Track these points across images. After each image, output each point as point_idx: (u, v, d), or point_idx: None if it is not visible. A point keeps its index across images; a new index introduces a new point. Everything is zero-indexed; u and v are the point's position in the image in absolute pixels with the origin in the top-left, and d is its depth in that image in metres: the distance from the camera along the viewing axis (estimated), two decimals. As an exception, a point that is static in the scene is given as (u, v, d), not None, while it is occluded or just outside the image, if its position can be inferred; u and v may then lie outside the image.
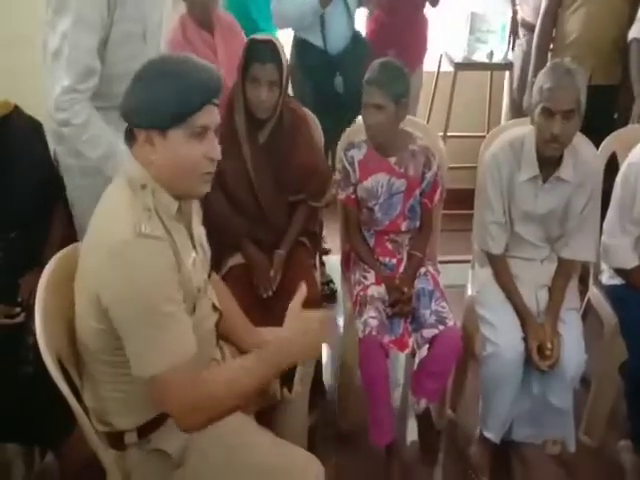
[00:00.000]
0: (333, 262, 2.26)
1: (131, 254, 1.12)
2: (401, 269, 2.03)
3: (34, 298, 1.69)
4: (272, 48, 1.81)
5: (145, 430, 1.30)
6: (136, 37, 1.74)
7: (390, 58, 1.92)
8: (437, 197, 2.04)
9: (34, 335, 1.66)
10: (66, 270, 1.32)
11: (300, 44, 2.48)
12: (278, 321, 1.69)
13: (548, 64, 1.82)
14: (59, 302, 1.31)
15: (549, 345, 1.79)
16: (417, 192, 2.01)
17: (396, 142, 1.97)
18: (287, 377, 1.49)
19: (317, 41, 2.42)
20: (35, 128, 1.86)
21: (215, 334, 1.42)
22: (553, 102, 1.73)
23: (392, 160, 1.98)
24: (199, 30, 2.22)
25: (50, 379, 1.24)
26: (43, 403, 1.69)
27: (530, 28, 2.65)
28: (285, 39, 2.42)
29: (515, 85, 2.79)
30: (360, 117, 1.97)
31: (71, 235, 1.98)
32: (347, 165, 2.00)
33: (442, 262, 2.23)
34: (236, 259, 1.96)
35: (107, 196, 1.25)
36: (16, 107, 1.83)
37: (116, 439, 1.30)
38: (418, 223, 2.07)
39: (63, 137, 1.76)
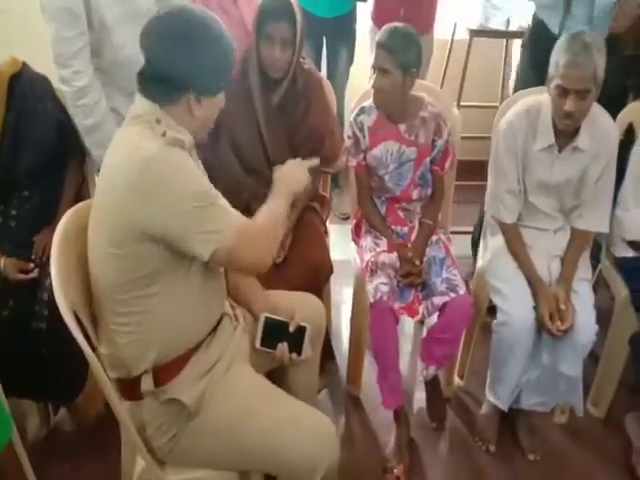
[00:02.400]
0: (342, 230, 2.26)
1: (162, 164, 1.18)
2: (413, 237, 2.02)
3: (48, 255, 1.73)
4: (287, 6, 1.78)
5: (162, 377, 1.31)
6: None
7: (404, 24, 1.88)
8: (447, 164, 2.02)
9: (47, 291, 1.71)
10: (80, 224, 1.35)
11: None
12: (289, 285, 1.71)
13: (566, 35, 1.75)
14: (73, 255, 1.33)
15: (562, 307, 1.78)
16: (427, 160, 1.99)
17: (406, 109, 1.94)
18: (296, 342, 1.51)
19: None
20: (45, 85, 1.85)
21: (224, 284, 1.44)
22: (567, 80, 1.69)
23: (402, 127, 1.95)
24: None
25: (63, 335, 1.26)
26: (55, 359, 1.72)
27: None
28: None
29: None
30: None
31: (84, 192, 1.99)
32: (357, 131, 1.98)
33: (453, 233, 2.21)
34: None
35: (120, 134, 1.29)
36: (24, 64, 1.82)
37: (131, 387, 1.32)
38: (430, 190, 2.05)
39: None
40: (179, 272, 1.27)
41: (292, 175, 1.46)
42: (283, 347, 1.51)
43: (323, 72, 2.77)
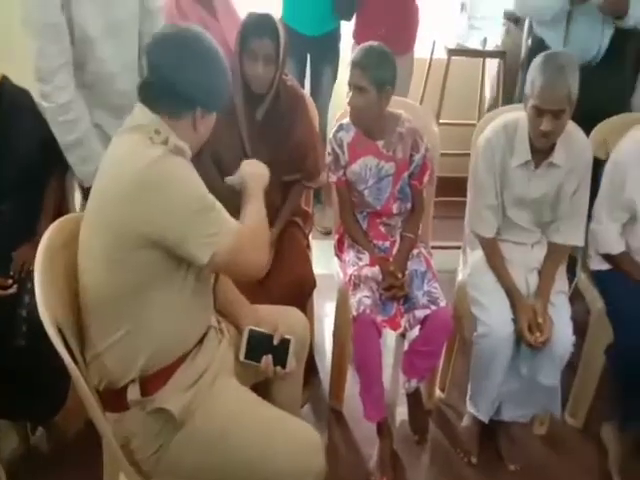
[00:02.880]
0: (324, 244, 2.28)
1: (165, 168, 1.21)
2: (394, 251, 2.05)
3: (27, 270, 1.71)
4: (270, 23, 1.81)
5: (148, 387, 1.31)
6: None
7: (379, 43, 1.92)
8: (426, 178, 2.06)
9: (27, 308, 1.68)
10: (66, 236, 1.35)
11: None
12: (272, 299, 1.72)
13: (541, 56, 1.80)
14: (58, 268, 1.33)
15: (540, 320, 1.82)
16: (405, 175, 2.02)
17: (383, 125, 1.98)
18: (280, 355, 1.51)
19: None
20: (26, 99, 1.83)
21: (212, 298, 1.46)
22: (543, 101, 1.74)
23: (380, 143, 1.99)
24: (194, 5, 2.21)
25: (42, 352, 1.25)
26: (34, 377, 1.69)
27: (509, 17, 2.67)
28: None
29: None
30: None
31: (65, 208, 1.98)
32: (336, 147, 2.01)
33: (434, 247, 2.25)
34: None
35: (116, 144, 1.30)
36: (5, 77, 1.80)
37: (117, 397, 1.31)
38: (409, 205, 2.09)
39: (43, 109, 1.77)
40: (172, 282, 1.28)
41: (255, 171, 1.48)
42: (267, 360, 1.51)
43: (306, 89, 2.80)
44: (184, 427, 1.33)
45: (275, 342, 1.52)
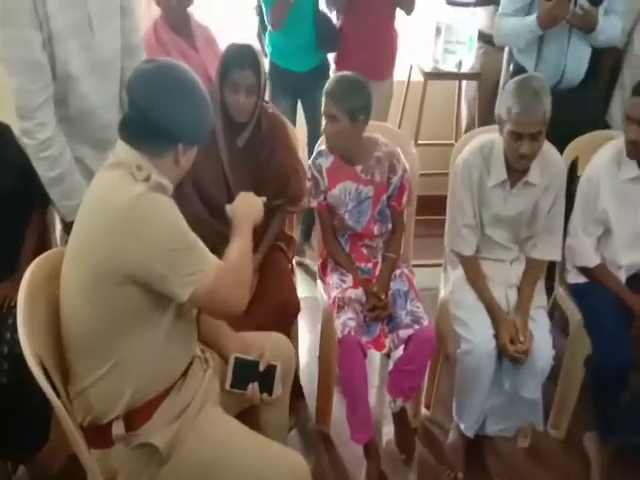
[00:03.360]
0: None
1: (146, 206, 1.23)
2: (377, 272, 2.08)
3: (8, 306, 1.68)
4: (251, 53, 1.85)
5: (133, 422, 1.31)
6: (82, 27, 1.72)
7: (351, 73, 1.96)
8: (404, 199, 2.09)
9: (8, 344, 1.64)
10: (48, 272, 1.36)
11: None
12: (257, 324, 1.74)
13: (515, 82, 1.85)
14: (41, 303, 1.33)
15: (521, 338, 1.86)
16: (384, 197, 2.06)
17: (360, 151, 2.01)
18: (267, 382, 1.52)
19: None
20: (7, 133, 1.82)
21: (196, 327, 1.46)
22: (521, 126, 1.79)
23: (358, 168, 2.02)
24: (172, 35, 2.24)
25: (24, 389, 1.25)
26: (16, 414, 1.66)
27: (486, 39, 2.76)
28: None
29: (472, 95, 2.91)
30: None
31: (46, 243, 1.96)
32: (316, 173, 2.04)
33: (415, 266, 2.29)
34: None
35: (98, 180, 1.30)
36: None
37: (101, 434, 1.31)
38: (389, 225, 2.12)
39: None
40: (153, 316, 1.29)
41: (247, 206, 1.50)
42: (254, 387, 1.52)
43: (300, 124, 2.79)
44: (170, 460, 1.33)
45: (261, 368, 1.53)
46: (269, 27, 2.63)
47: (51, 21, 1.64)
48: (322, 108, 1.93)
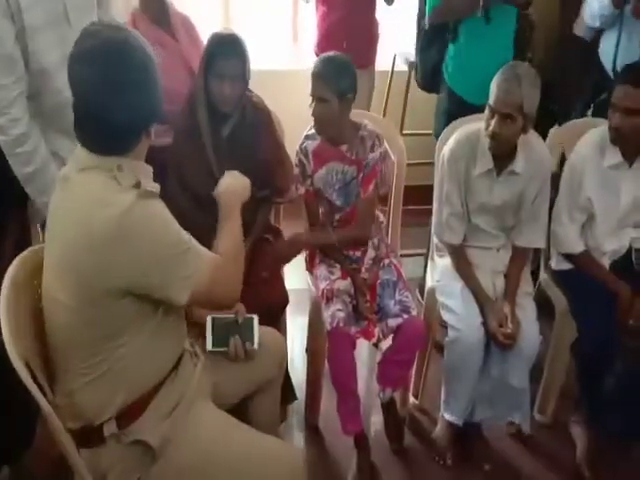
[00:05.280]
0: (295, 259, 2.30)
1: (139, 218, 1.16)
2: (365, 261, 2.07)
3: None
4: (236, 42, 1.82)
5: (125, 419, 1.29)
6: (57, 19, 1.67)
7: (337, 53, 1.95)
8: (371, 186, 2.00)
9: None
10: (29, 271, 1.32)
11: None
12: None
13: (506, 65, 1.89)
14: (24, 304, 1.30)
15: (510, 325, 1.88)
16: (361, 176, 2.02)
17: (345, 132, 2.00)
18: (247, 334, 1.55)
19: None
20: None
21: (185, 322, 1.44)
22: (494, 102, 1.84)
23: (344, 148, 2.01)
24: (151, 26, 2.20)
25: (7, 393, 1.21)
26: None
27: None
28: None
29: None
30: None
31: (27, 240, 1.92)
32: (302, 157, 2.03)
33: (403, 255, 2.30)
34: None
35: (77, 183, 1.21)
36: None
37: (93, 434, 1.28)
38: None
39: None
40: (145, 322, 1.26)
41: (233, 186, 1.46)
42: (235, 340, 1.53)
43: None
44: (163, 457, 1.31)
45: (239, 320, 1.54)
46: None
47: (24, 13, 1.59)
48: (310, 90, 1.91)
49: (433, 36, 2.37)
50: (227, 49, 1.81)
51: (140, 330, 1.26)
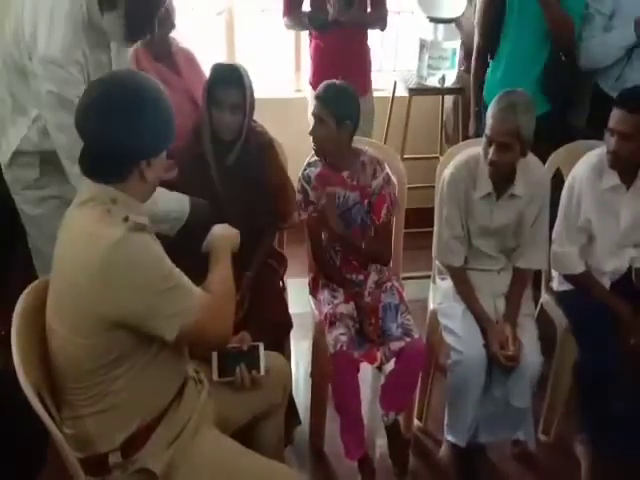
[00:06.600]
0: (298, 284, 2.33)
1: (127, 252, 1.18)
2: (368, 284, 2.10)
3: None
4: (236, 72, 1.87)
5: (129, 449, 1.30)
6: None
7: (342, 81, 2.01)
8: (383, 212, 2.05)
9: None
10: (38, 303, 1.34)
11: None
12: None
13: (502, 92, 1.92)
14: (33, 334, 1.32)
15: (511, 348, 1.89)
16: (366, 202, 2.06)
17: (346, 158, 2.05)
18: (253, 361, 1.57)
19: None
20: None
21: (186, 348, 1.46)
22: (491, 132, 1.87)
23: (345, 174, 2.05)
24: (154, 63, 2.24)
25: (15, 421, 1.24)
26: (8, 447, 1.64)
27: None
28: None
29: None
30: None
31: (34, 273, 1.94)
32: (305, 184, 2.07)
33: (405, 278, 2.32)
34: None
35: (73, 219, 1.26)
36: None
37: (98, 463, 1.30)
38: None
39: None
40: (144, 350, 1.28)
41: (223, 236, 1.48)
42: (241, 369, 1.55)
43: None
44: None
45: (245, 348, 1.56)
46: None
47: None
48: (311, 110, 1.97)
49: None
50: (227, 78, 1.86)
51: (137, 361, 1.28)
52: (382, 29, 2.71)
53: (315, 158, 2.09)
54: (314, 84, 2.66)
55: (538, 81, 2.43)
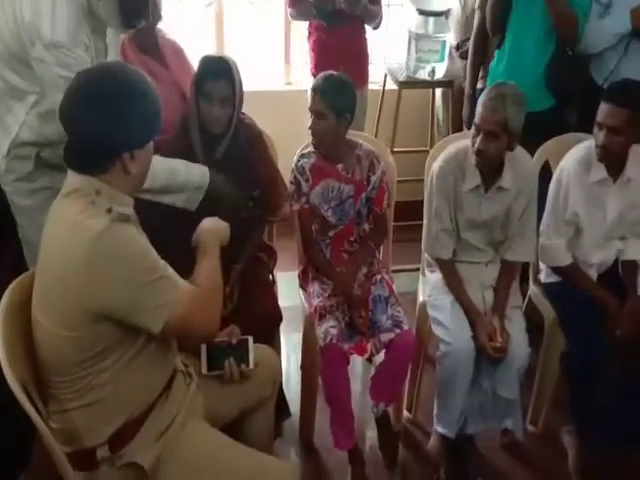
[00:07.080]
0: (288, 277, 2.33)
1: (111, 242, 1.18)
2: (358, 276, 2.09)
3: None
4: (225, 65, 1.86)
5: (117, 443, 1.30)
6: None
7: (339, 73, 2.00)
8: (385, 202, 2.11)
9: None
10: (24, 296, 1.34)
11: None
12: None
13: (493, 83, 1.94)
14: (18, 328, 1.31)
15: (499, 339, 1.91)
16: (363, 196, 2.08)
17: (342, 150, 2.05)
18: (242, 355, 1.56)
19: None
20: None
21: (175, 341, 1.45)
22: (479, 120, 1.88)
23: (340, 167, 2.05)
24: (141, 55, 2.23)
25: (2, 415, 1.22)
26: None
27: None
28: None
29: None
30: None
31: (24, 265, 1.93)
32: (298, 175, 2.07)
33: (394, 271, 2.33)
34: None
35: (58, 211, 1.26)
36: None
37: (86, 458, 1.30)
38: (367, 226, 2.15)
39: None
40: (130, 343, 1.28)
41: (212, 229, 1.46)
42: (230, 362, 1.54)
43: None
44: (156, 477, 1.32)
45: (234, 342, 1.56)
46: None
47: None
48: (309, 104, 1.96)
49: None
50: (216, 71, 1.84)
51: (123, 354, 1.27)
52: (376, 28, 2.72)
53: (309, 149, 2.09)
54: (317, 75, 2.67)
55: (543, 75, 2.43)
